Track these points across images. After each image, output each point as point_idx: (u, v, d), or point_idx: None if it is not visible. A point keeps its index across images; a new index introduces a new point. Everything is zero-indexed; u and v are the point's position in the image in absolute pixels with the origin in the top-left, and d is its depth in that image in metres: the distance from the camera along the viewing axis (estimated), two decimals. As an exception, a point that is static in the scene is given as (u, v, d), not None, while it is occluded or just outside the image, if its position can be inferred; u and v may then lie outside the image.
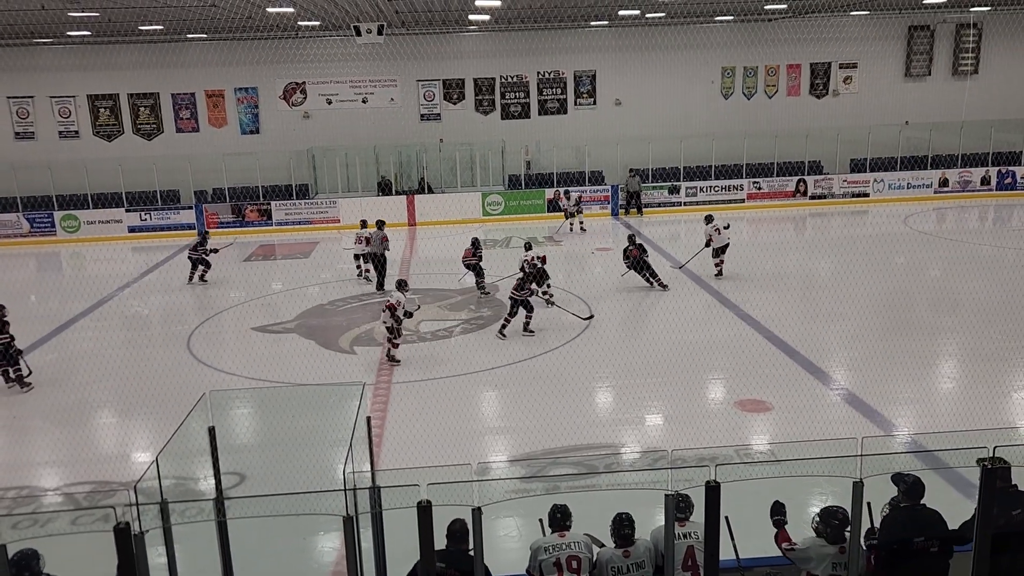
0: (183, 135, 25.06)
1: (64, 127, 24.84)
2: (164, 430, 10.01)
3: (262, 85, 24.91)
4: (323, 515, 6.32)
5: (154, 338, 15.18)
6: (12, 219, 23.46)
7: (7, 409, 11.32)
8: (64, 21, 18.89)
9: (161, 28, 21.31)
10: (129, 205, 23.93)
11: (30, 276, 21.53)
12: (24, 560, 4.63)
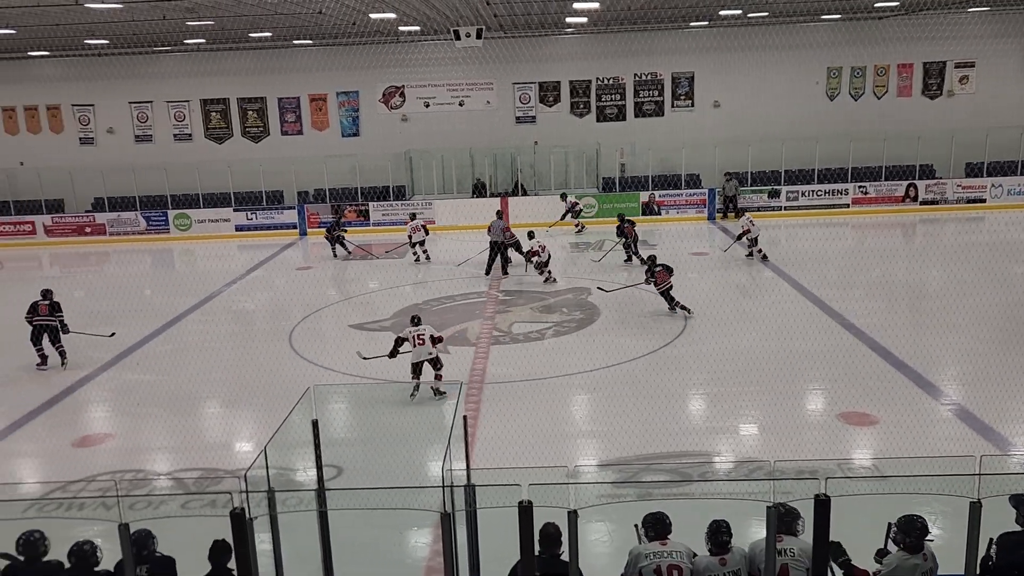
0: (287, 138, 26.00)
1: (179, 130, 26.16)
2: (266, 421, 10.46)
3: (363, 89, 25.59)
4: (419, 510, 6.46)
5: (258, 333, 15.77)
6: (131, 217, 24.87)
7: (129, 396, 11.98)
8: (182, 30, 19.87)
9: (270, 35, 22.16)
10: (236, 205, 24.98)
11: (146, 271, 22.74)
12: (141, 539, 4.88)
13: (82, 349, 13.79)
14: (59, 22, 17.28)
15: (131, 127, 26.24)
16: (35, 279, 19.21)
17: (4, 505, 5.83)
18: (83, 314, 16.05)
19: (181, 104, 25.98)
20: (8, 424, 10.78)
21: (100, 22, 17.94)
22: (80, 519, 6.48)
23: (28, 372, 13.12)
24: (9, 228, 25.12)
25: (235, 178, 25.00)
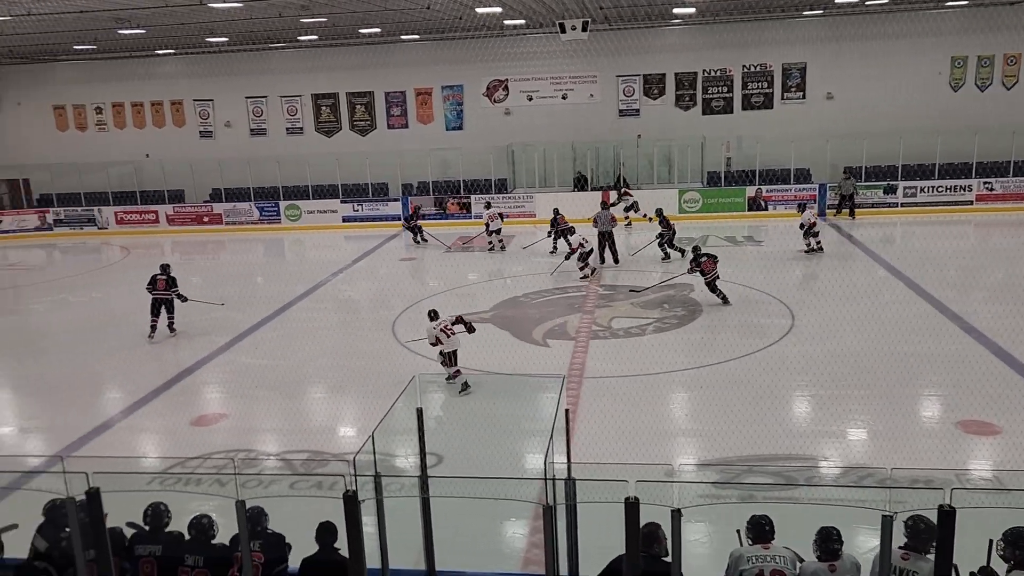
0: (393, 131, 26.58)
1: (291, 124, 27.14)
2: (368, 407, 10.74)
3: (467, 83, 25.87)
4: (516, 501, 6.49)
5: (362, 321, 16.19)
6: (246, 208, 25.99)
7: (242, 378, 12.54)
8: (296, 27, 20.60)
9: (379, 31, 22.68)
10: (344, 196, 25.73)
11: (258, 260, 23.73)
12: (254, 516, 5.10)
13: (200, 332, 14.54)
14: (184, 21, 18.19)
15: (247, 121, 27.40)
16: (157, 266, 20.30)
17: (130, 477, 6.21)
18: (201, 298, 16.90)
19: (293, 99, 26.93)
20: (132, 402, 11.45)
21: (221, 20, 18.79)
22: (198, 494, 6.83)
23: (150, 353, 13.93)
24: (135, 217, 26.68)
25: (342, 171, 25.76)
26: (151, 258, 22.92)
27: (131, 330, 14.95)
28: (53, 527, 5.52)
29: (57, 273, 22.63)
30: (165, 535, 5.42)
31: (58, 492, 5.02)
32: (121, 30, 18.87)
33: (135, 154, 27.56)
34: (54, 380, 12.65)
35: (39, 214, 27.26)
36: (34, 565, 5.40)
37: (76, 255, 25.04)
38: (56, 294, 18.92)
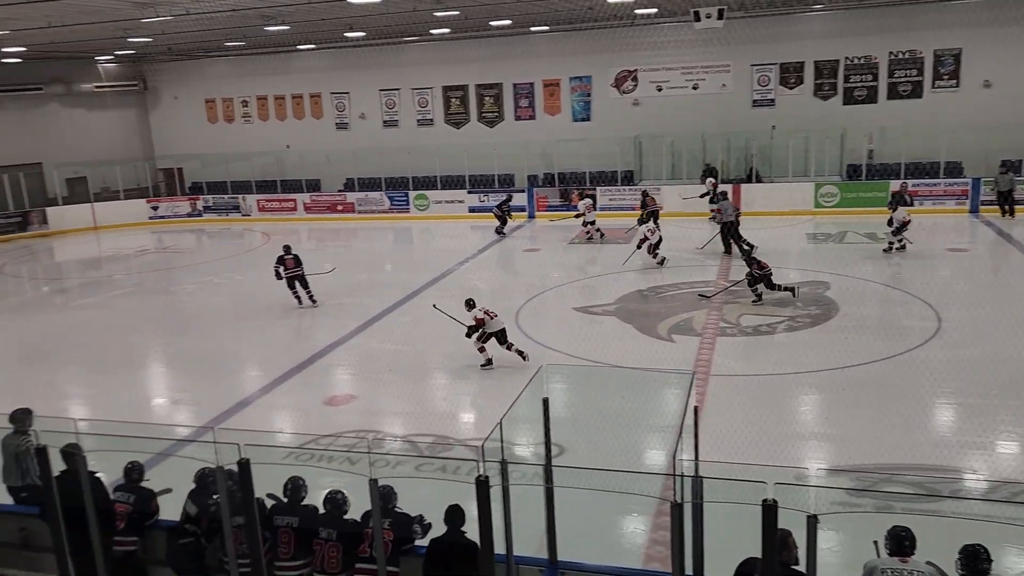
0: (520, 122, 26.76)
1: (422, 116, 27.81)
2: (490, 395, 10.89)
3: (595, 74, 25.69)
4: (641, 496, 6.40)
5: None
6: (377, 197, 26.87)
7: (372, 362, 12.97)
8: (429, 21, 21.05)
9: (509, 23, 22.86)
10: (471, 187, 26.15)
11: (388, 247, 24.47)
12: (385, 494, 5.26)
13: (332, 317, 15.15)
14: (325, 17, 18.93)
15: (380, 113, 28.29)
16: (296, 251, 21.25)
17: (269, 450, 6.55)
18: (333, 284, 17.63)
19: (424, 91, 27.57)
20: (270, 380, 12.06)
21: (359, 16, 19.45)
22: (331, 470, 7.12)
23: (287, 335, 14.64)
24: (275, 204, 28.09)
25: (470, 161, 26.17)
26: (291, 243, 24.05)
27: (270, 312, 15.77)
28: (202, 493, 5.90)
29: (205, 256, 24.15)
30: (301, 508, 5.68)
31: (207, 460, 5.35)
32: (268, 27, 19.85)
33: (277, 145, 29.01)
34: (201, 356, 13.50)
35: (190, 201, 29.16)
36: (185, 528, 5.79)
37: (222, 240, 26.62)
38: (204, 276, 20.19)
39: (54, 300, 19.54)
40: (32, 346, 14.75)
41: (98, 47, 25.00)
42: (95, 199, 28.57)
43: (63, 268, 23.82)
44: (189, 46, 25.73)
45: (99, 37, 20.98)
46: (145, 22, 17.55)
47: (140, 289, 19.39)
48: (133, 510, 5.89)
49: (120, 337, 15.09)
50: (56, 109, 29.17)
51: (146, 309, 17.45)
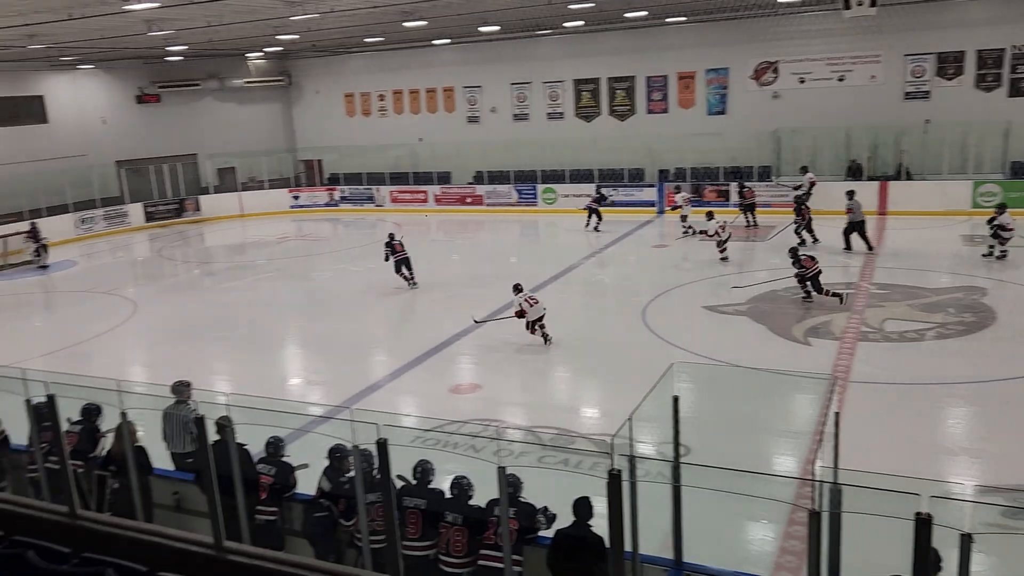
0: (653, 116, 26.29)
1: (552, 109, 27.81)
2: (614, 390, 10.75)
3: (733, 65, 24.89)
4: (772, 501, 6.13)
5: (611, 307, 16.25)
6: (505, 190, 27.12)
7: (495, 353, 13.08)
8: (563, 14, 20.98)
9: (645, 14, 22.48)
10: (599, 181, 25.95)
11: (514, 240, 24.66)
12: (512, 483, 5.27)
13: (459, 306, 15.38)
14: (461, 12, 19.22)
15: (510, 107, 28.50)
16: (425, 242, 21.78)
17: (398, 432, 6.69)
18: (458, 276, 17.93)
19: (556, 84, 27.57)
20: (398, 367, 12.38)
21: (494, 10, 19.62)
22: (457, 455, 7.21)
23: (415, 322, 14.99)
24: (407, 196, 28.86)
25: (599, 155, 25.96)
26: (420, 235, 24.67)
27: (400, 300, 16.22)
28: (335, 470, 6.10)
29: (341, 244, 25.11)
30: (429, 491, 5.78)
31: (342, 439, 5.52)
32: (406, 23, 20.35)
33: (410, 138, 29.79)
34: (334, 340, 14.02)
35: (328, 191, 30.40)
36: (320, 502, 6.01)
37: (356, 229, 27.61)
38: (339, 263, 21.00)
39: (203, 282, 20.84)
40: (184, 324, 15.77)
41: (249, 44, 26.42)
42: (242, 188, 30.26)
43: (212, 252, 25.36)
44: (331, 42, 26.78)
45: (251, 35, 22.14)
46: (293, 20, 18.36)
47: (280, 274, 20.37)
48: (275, 482, 6.17)
49: (261, 319, 15.91)
50: (211, 103, 31.10)
51: (285, 293, 18.32)
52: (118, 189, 28.88)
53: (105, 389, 5.60)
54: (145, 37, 19.57)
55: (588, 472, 5.66)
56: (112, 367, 12.49)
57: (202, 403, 5.01)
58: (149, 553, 3.87)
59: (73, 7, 14.96)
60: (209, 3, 14.84)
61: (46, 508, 4.47)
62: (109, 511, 6.30)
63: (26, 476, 7.42)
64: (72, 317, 17.23)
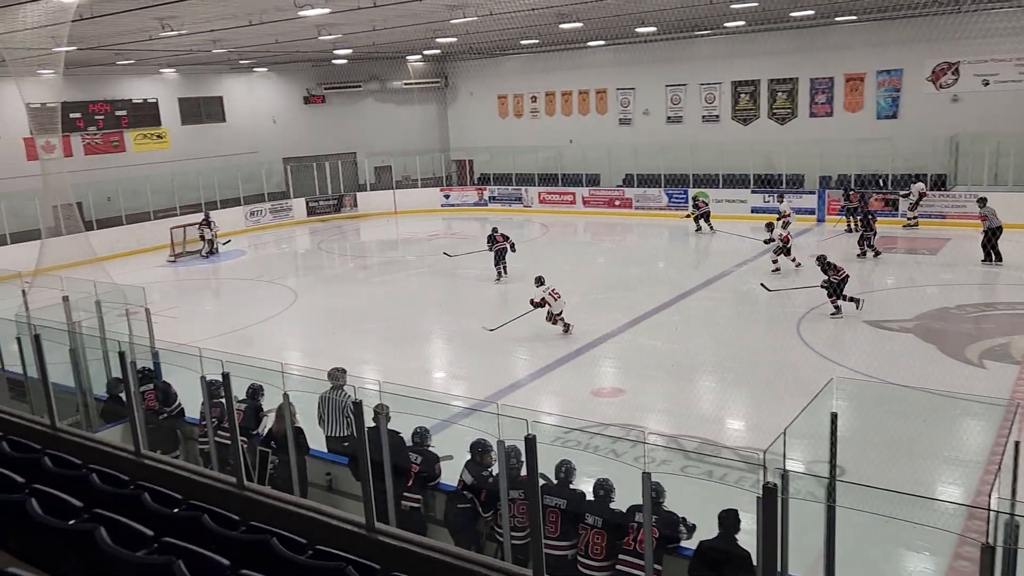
0: (815, 120, 25.09)
1: (707, 112, 27.11)
2: (762, 402, 10.34)
3: (908, 66, 23.32)
4: (937, 532, 5.69)
5: (763, 316, 15.63)
6: (655, 193, 26.71)
7: (639, 358, 12.92)
8: (724, 13, 20.40)
9: (812, 13, 21.50)
10: (755, 187, 25.05)
11: (662, 245, 24.24)
12: (655, 490, 5.15)
13: (602, 310, 15.28)
14: (618, 13, 19.09)
15: (664, 109, 28.03)
16: (571, 243, 21.79)
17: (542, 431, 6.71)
18: (603, 278, 17.80)
19: (712, 86, 26.85)
20: (540, 367, 12.46)
21: (652, 11, 19.34)
22: (599, 457, 7.16)
23: (557, 325, 15.00)
24: (555, 197, 28.99)
25: (756, 160, 25.08)
26: (566, 236, 24.78)
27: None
28: (477, 464, 6.20)
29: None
30: (570, 491, 5.75)
31: (486, 433, 5.59)
32: (562, 24, 20.44)
33: (560, 139, 29.90)
34: (479, 337, 14.26)
35: (478, 191, 31.03)
36: (463, 494, 6.12)
37: (504, 229, 27.91)
38: (485, 262, 21.36)
39: (357, 275, 21.81)
40: (338, 313, 16.56)
41: (409, 47, 27.40)
42: (397, 186, 31.43)
43: (366, 247, 26.49)
44: (487, 45, 27.32)
45: (412, 38, 22.94)
46: (454, 23, 18.86)
47: (429, 270, 20.98)
48: (420, 470, 6.35)
49: (409, 312, 16.45)
50: (371, 104, 32.52)
51: (433, 289, 18.86)
52: (284, 185, 30.71)
53: (270, 370, 5.93)
54: (315, 41, 20.71)
55: (734, 485, 5.47)
56: (273, 350, 13.29)
57: (358, 389, 5.21)
58: (306, 527, 4.07)
59: (253, 13, 16.03)
60: (375, 8, 15.49)
61: (217, 477, 4.79)
62: (269, 485, 6.68)
63: (197, 447, 8.02)
64: (239, 303, 18.48)
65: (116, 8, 13.67)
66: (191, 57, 23.63)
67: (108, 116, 26.96)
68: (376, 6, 15.18)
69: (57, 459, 5.00)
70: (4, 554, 3.80)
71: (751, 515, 5.28)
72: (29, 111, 15.08)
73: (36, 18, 11.41)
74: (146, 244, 24.49)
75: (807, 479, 6.29)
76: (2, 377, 9.56)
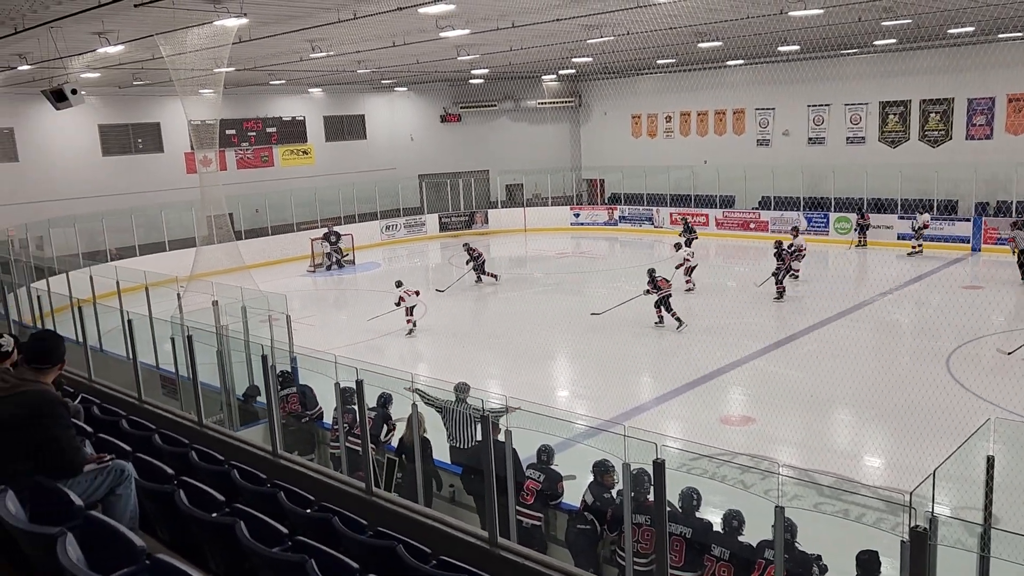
0: (972, 142, 23.52)
1: (852, 133, 25.94)
2: (903, 440, 9.70)
3: (1083, 86, 21.56)
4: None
5: (907, 349, 14.76)
6: (794, 217, 25.67)
7: (771, 386, 12.44)
8: (873, 31, 19.49)
9: (971, 29, 20.20)
10: (902, 212, 23.71)
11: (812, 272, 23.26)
12: (788, 527, 4.93)
13: (733, 335, 14.82)
14: (760, 31, 18.59)
15: (805, 130, 27.04)
16: (701, 265, 21.24)
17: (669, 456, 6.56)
18: (733, 304, 17.29)
19: (858, 107, 25.68)
20: (666, 391, 12.22)
21: (796, 29, 18.72)
22: (726, 486, 6.94)
23: (682, 348, 14.69)
24: (688, 218, 28.42)
25: (905, 184, 23.74)
26: (696, 257, 24.16)
27: (671, 323, 15.95)
28: (599, 485, 6.11)
29: (616, 263, 25.40)
30: (696, 519, 5.58)
31: (611, 454, 5.51)
32: (700, 43, 20.12)
33: (694, 160, 29.36)
34: (604, 357, 14.14)
35: (608, 210, 30.89)
36: (584, 515, 6.05)
37: (633, 249, 27.73)
38: (613, 282, 21.19)
39: (485, 291, 22.11)
40: (466, 328, 16.87)
41: (544, 67, 27.71)
42: (527, 204, 31.77)
43: (495, 264, 26.82)
44: (623, 64, 27.24)
45: (547, 58, 23.20)
46: (590, 42, 18.93)
47: (556, 288, 21.03)
48: (543, 488, 6.33)
49: (534, 329, 16.50)
50: (505, 123, 33.09)
51: (559, 307, 18.84)
52: (418, 200, 31.66)
53: (400, 379, 6.08)
54: (453, 61, 21.29)
55: (872, 526, 5.15)
56: (402, 361, 13.66)
57: (486, 403, 5.25)
58: (430, 536, 4.12)
59: (396, 35, 16.65)
60: (513, 28, 15.77)
61: (347, 482, 4.94)
62: (395, 492, 6.84)
63: (328, 451, 8.32)
64: (372, 313, 19.13)
65: (272, 31, 14.55)
66: (337, 77, 24.82)
67: (259, 133, 28.71)
68: (514, 27, 15.45)
69: (203, 454, 5.30)
70: (153, 541, 4.05)
71: (888, 559, 4.96)
72: (191, 127, 16.28)
73: (200, 40, 12.29)
74: (289, 254, 25.81)
75: (955, 525, 5.86)
76: (157, 375, 10.26)
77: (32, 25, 12.11)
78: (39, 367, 3.93)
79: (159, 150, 26.26)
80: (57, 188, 23.45)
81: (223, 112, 19.53)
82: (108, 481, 3.90)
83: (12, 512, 3.12)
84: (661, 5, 13.03)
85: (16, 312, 14.49)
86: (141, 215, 23.59)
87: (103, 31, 13.48)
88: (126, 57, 16.19)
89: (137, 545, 2.88)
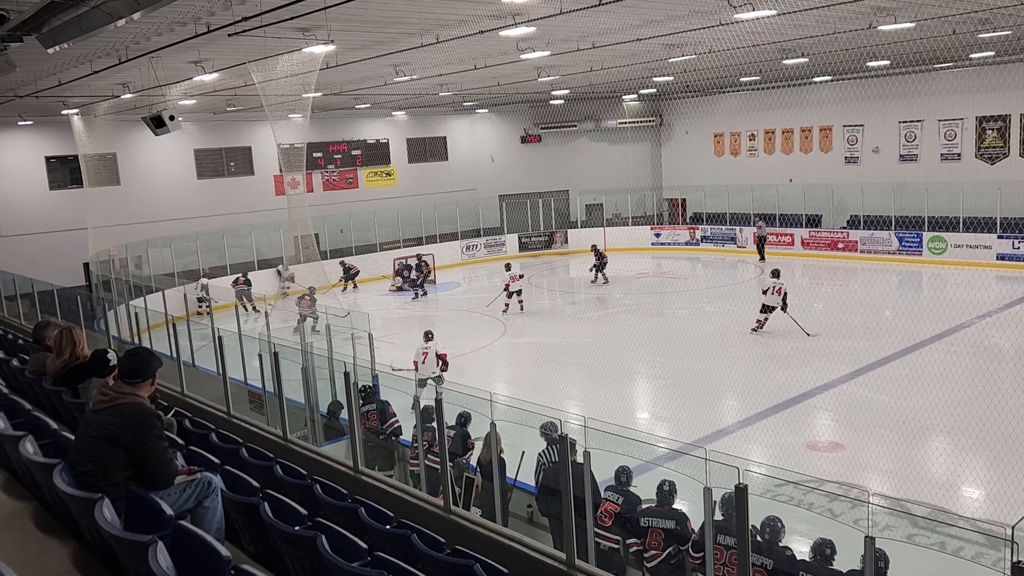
0: (1078, 158, 22.32)
1: (947, 149, 24.93)
2: (1005, 471, 9.18)
3: None
4: None
5: (1008, 375, 13.97)
6: (884, 236, 24.86)
7: (862, 411, 11.99)
8: (969, 44, 18.74)
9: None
10: (1001, 231, 22.61)
11: (890, 292, 22.41)
12: (879, 557, 4.73)
13: (820, 359, 14.35)
14: (848, 47, 18.13)
15: (896, 146, 26.12)
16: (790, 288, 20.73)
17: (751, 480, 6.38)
18: (825, 325, 16.75)
19: (953, 122, 24.68)
20: (750, 415, 11.91)
21: (886, 44, 18.19)
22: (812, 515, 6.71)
23: (769, 370, 14.29)
24: (771, 239, 27.76)
25: (1005, 202, 22.65)
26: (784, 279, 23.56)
27: (755, 345, 15.60)
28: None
29: (698, 284, 24.99)
30: (779, 550, 5.41)
31: (691, 477, 5.38)
32: (785, 60, 19.74)
33: (779, 178, 28.71)
34: (685, 379, 13.91)
35: (690, 230, 30.48)
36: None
37: (716, 269, 27.25)
38: (695, 303, 20.90)
39: (565, 311, 22.10)
40: (545, 348, 16.83)
41: (625, 87, 27.65)
42: (607, 224, 31.63)
43: (574, 283, 26.79)
44: (705, 83, 26.94)
45: (628, 78, 23.14)
46: (672, 61, 18.81)
47: (637, 309, 20.81)
48: (621, 511, 6.23)
49: (614, 350, 16.36)
50: (584, 143, 33.11)
51: (639, 328, 18.65)
52: (498, 220, 31.93)
53: (480, 399, 6.10)
54: (534, 83, 21.46)
55: (972, 560, 4.89)
56: (481, 379, 13.71)
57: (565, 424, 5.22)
58: (507, 556, 4.10)
59: (478, 58, 16.91)
60: (594, 49, 15.80)
61: (425, 499, 4.97)
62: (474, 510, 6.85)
63: (408, 468, 8.40)
64: (451, 332, 19.29)
65: (358, 56, 14.97)
66: (419, 100, 25.34)
67: (345, 155, 29.53)
68: (595, 47, 15.49)
69: (287, 468, 5.43)
70: (238, 551, 4.16)
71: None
72: (280, 151, 16.86)
73: (290, 67, 12.76)
74: (371, 274, 26.38)
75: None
76: (244, 390, 10.59)
77: (135, 56, 12.81)
78: (130, 381, 4.11)
79: (250, 173, 27.31)
80: (155, 210, 24.60)
81: (310, 136, 20.17)
82: (197, 493, 4.04)
83: (108, 520, 3.26)
84: (744, 23, 12.85)
85: (116, 328, 15.22)
86: (232, 235, 24.52)
87: (199, 60, 14.15)
88: (220, 84, 16.94)
89: (223, 555, 2.97)
